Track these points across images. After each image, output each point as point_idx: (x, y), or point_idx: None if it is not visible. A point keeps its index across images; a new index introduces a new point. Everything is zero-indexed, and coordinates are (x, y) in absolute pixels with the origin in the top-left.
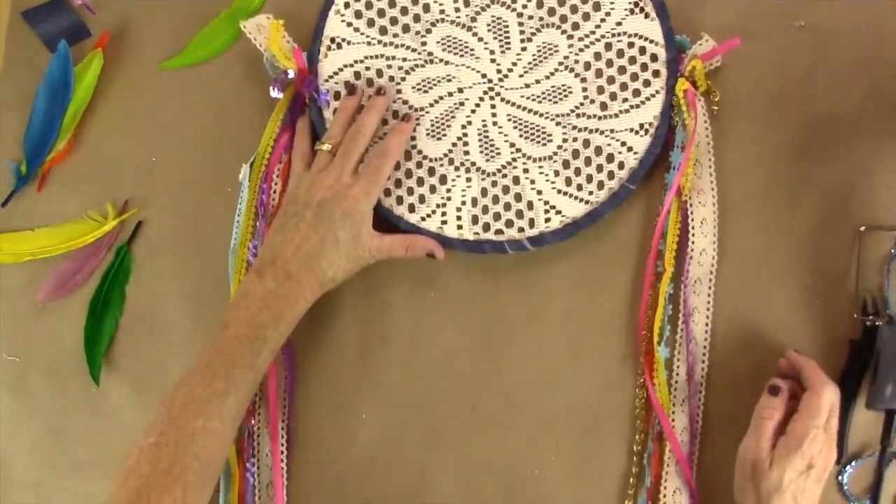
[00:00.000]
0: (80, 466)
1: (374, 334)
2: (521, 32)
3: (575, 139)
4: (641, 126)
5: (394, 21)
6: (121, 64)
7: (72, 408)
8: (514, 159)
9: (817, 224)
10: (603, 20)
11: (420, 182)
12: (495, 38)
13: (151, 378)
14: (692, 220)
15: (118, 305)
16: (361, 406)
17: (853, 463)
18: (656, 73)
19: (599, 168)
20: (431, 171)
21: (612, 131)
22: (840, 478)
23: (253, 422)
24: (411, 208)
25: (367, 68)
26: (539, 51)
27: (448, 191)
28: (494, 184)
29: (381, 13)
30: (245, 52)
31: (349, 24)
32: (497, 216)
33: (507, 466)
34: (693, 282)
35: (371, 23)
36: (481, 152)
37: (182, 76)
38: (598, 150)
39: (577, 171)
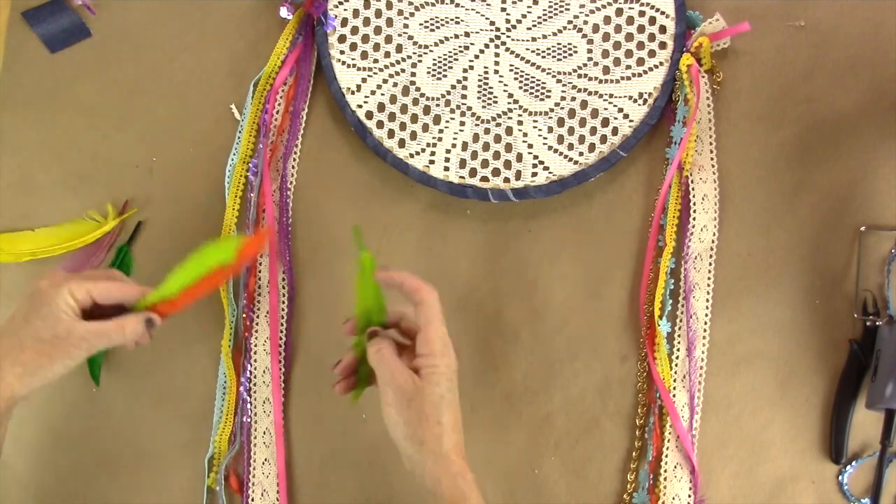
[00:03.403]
0: (80, 466)
1: None
2: None
3: (573, 98)
4: (640, 95)
5: None
6: (121, 64)
7: (72, 408)
8: (510, 110)
9: (817, 224)
10: None
11: (414, 119)
12: None
13: (151, 378)
14: (693, 195)
15: None
16: (362, 407)
17: (853, 463)
18: (663, 45)
19: (593, 130)
20: (427, 110)
21: (610, 96)
22: (840, 478)
23: (251, 338)
24: (401, 143)
25: None
26: (550, 6)
27: (440, 131)
28: (487, 131)
29: None
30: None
31: None
32: (485, 163)
33: (507, 466)
34: (694, 257)
35: None
36: (479, 98)
37: (182, 75)
38: (595, 113)
39: (571, 131)
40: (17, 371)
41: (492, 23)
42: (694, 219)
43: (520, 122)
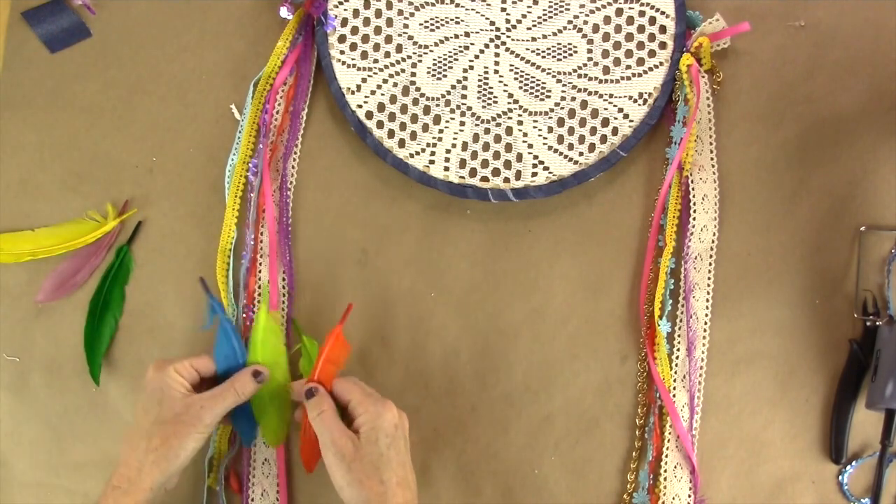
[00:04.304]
0: (80, 466)
1: (374, 334)
2: None
3: (573, 98)
4: (640, 95)
5: None
6: (121, 64)
7: (72, 408)
8: (510, 110)
9: (817, 224)
10: None
11: (414, 119)
12: None
13: None
14: (693, 195)
15: (118, 305)
16: None
17: (853, 463)
18: (663, 45)
19: (593, 130)
20: (427, 110)
21: (610, 96)
22: (840, 478)
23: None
24: (401, 143)
25: None
26: (550, 6)
27: (440, 131)
28: (487, 131)
29: None
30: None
31: None
32: (485, 163)
33: (507, 466)
34: (694, 257)
35: None
36: (479, 98)
37: (182, 75)
38: (595, 113)
39: (571, 131)
40: (152, 458)
41: (492, 23)
42: (694, 219)
43: (520, 122)
